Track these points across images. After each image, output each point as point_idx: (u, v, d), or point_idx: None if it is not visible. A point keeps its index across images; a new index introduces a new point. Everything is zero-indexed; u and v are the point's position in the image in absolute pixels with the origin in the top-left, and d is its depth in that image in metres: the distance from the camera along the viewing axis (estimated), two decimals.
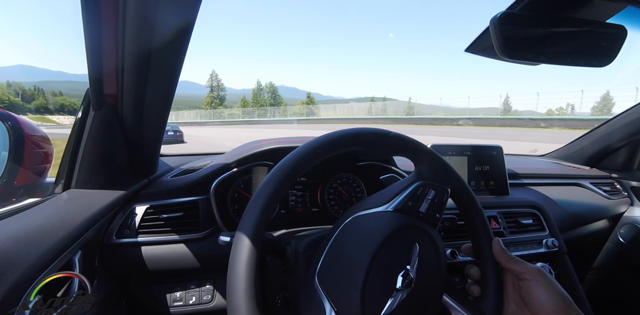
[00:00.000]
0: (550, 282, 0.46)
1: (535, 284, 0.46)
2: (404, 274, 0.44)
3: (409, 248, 0.46)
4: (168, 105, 0.73)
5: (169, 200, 0.80)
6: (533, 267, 0.48)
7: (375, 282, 0.42)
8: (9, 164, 0.68)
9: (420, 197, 0.51)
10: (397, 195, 0.51)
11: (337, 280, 0.44)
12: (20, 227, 0.52)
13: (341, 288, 0.43)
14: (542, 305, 0.44)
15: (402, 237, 0.47)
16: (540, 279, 0.46)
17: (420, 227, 0.49)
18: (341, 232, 0.49)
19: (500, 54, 0.50)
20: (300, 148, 0.45)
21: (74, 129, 0.71)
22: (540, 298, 0.45)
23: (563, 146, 1.71)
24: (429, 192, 0.51)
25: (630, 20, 0.53)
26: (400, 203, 0.50)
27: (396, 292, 0.43)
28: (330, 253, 0.47)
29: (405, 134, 0.51)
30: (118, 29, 0.53)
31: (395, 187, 0.52)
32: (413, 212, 0.50)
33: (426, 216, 0.50)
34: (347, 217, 0.51)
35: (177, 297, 0.82)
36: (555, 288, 0.46)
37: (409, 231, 0.48)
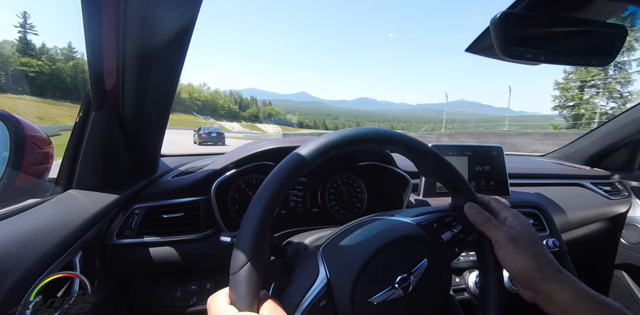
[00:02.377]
0: (519, 250, 0.45)
1: (503, 252, 0.46)
2: (404, 277, 0.44)
3: (418, 258, 0.46)
4: (168, 105, 0.73)
5: (170, 200, 0.80)
6: (503, 237, 0.46)
7: (375, 269, 0.43)
8: (10, 165, 0.68)
9: (446, 225, 0.50)
10: (426, 214, 0.51)
11: (340, 254, 0.45)
12: (21, 227, 0.52)
13: (342, 262, 0.44)
14: (511, 271, 0.45)
15: (416, 246, 0.47)
16: (509, 247, 0.45)
17: (437, 249, 0.48)
18: (360, 222, 0.50)
19: (501, 53, 0.50)
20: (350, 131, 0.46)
21: (74, 129, 0.71)
22: (508, 266, 0.46)
23: (564, 146, 1.71)
24: (457, 225, 0.50)
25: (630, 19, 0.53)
26: (426, 221, 0.50)
27: (392, 288, 0.43)
28: (344, 233, 0.49)
29: None
30: (119, 28, 0.53)
31: (426, 208, 0.53)
32: (434, 235, 0.49)
33: (446, 245, 0.49)
34: (369, 216, 0.52)
35: (178, 297, 0.82)
36: (522, 256, 0.44)
37: (424, 245, 0.48)
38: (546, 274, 0.43)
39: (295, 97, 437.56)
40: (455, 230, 0.50)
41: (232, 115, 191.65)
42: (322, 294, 0.41)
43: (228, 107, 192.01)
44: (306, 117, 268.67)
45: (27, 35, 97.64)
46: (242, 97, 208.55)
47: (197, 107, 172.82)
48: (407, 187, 0.92)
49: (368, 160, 0.98)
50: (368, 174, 1.01)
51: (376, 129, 0.48)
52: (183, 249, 0.77)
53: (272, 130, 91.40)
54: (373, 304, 0.41)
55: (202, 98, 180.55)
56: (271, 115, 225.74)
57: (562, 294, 0.42)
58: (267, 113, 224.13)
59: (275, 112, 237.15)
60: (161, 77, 0.65)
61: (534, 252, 0.45)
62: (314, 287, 0.42)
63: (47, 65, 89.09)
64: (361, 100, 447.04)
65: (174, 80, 0.67)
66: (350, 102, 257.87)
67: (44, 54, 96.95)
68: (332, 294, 0.41)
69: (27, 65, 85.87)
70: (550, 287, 0.42)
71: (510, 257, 0.45)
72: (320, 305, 0.40)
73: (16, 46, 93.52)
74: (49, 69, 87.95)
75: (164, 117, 0.75)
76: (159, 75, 0.64)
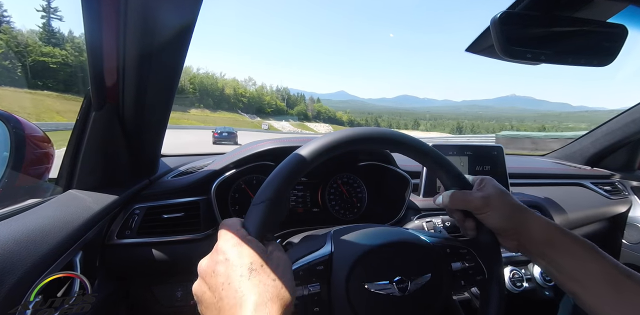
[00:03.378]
0: (492, 204, 0.48)
1: (482, 215, 0.49)
2: (403, 279, 0.44)
3: (422, 270, 0.46)
4: (169, 105, 0.73)
5: (170, 200, 0.80)
6: (478, 200, 0.48)
7: (378, 259, 0.45)
8: (10, 165, 0.68)
9: (459, 256, 0.50)
10: (441, 238, 0.52)
11: (349, 238, 0.48)
12: (21, 227, 0.52)
13: (349, 243, 0.46)
14: (493, 225, 0.49)
15: (424, 258, 0.47)
16: (484, 207, 0.48)
17: (443, 271, 0.48)
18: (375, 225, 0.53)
19: (501, 53, 0.50)
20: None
21: (75, 129, 0.71)
22: (489, 222, 0.49)
23: (564, 146, 1.71)
24: (470, 260, 0.50)
25: (631, 19, 0.53)
26: (440, 243, 0.50)
27: (388, 283, 0.43)
28: (357, 226, 0.52)
29: None
30: (119, 28, 0.53)
31: (444, 234, 0.53)
32: (444, 261, 0.49)
33: (452, 274, 0.49)
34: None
35: (178, 297, 0.82)
36: (497, 209, 0.48)
37: (432, 261, 0.47)
38: (521, 218, 0.48)
39: (334, 96, 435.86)
40: (466, 264, 0.49)
41: (279, 114, 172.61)
42: (322, 261, 0.44)
43: (275, 105, 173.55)
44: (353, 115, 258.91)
45: (51, 21, 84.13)
46: (290, 93, 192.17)
47: (243, 104, 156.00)
48: (407, 186, 0.92)
49: (368, 160, 0.98)
50: (368, 173, 1.01)
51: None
52: (183, 248, 0.77)
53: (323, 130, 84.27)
54: (367, 290, 0.42)
55: (248, 94, 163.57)
56: (320, 113, 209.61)
57: (538, 232, 0.47)
58: (316, 111, 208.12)
59: (324, 109, 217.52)
60: (161, 77, 0.65)
61: (505, 202, 0.49)
62: (317, 253, 0.45)
63: (73, 56, 74.71)
64: (402, 97, 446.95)
65: (174, 80, 0.67)
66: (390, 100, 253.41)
67: (68, 42, 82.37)
68: (331, 266, 0.44)
69: (49, 55, 73.03)
70: (528, 227, 0.47)
71: (488, 215, 0.48)
72: (318, 268, 0.43)
73: (38, 34, 79.59)
74: (75, 60, 73.50)
75: (164, 117, 0.75)
76: (159, 75, 0.64)
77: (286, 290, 0.33)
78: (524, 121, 33.01)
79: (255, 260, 0.34)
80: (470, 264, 0.49)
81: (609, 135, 1.45)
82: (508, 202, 0.49)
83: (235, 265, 0.34)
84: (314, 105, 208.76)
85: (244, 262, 0.34)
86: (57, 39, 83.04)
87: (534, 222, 0.48)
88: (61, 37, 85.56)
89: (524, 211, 0.49)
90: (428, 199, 0.98)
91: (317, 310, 0.41)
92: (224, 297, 0.32)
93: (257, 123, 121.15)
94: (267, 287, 0.32)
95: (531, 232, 0.47)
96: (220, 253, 0.36)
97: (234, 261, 0.34)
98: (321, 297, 0.42)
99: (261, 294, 0.32)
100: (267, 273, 0.34)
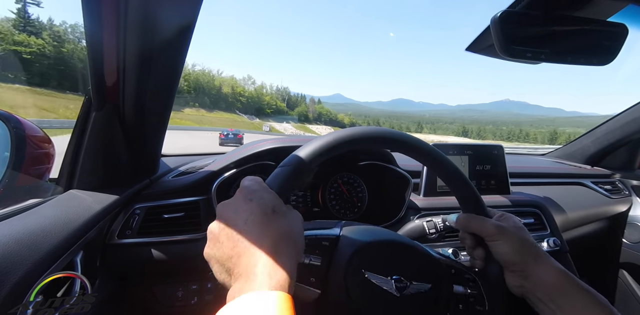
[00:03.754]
0: (506, 236, 0.47)
1: (492, 242, 0.48)
2: (402, 279, 0.44)
3: (423, 277, 0.46)
4: (169, 105, 0.73)
5: (170, 200, 0.80)
6: (492, 228, 0.48)
7: (381, 253, 0.46)
8: (11, 165, 0.68)
9: (463, 280, 0.49)
10: (450, 259, 0.52)
11: (358, 230, 0.50)
12: (22, 227, 0.52)
13: (357, 233, 0.48)
14: (501, 256, 0.48)
15: (425, 267, 0.47)
16: (497, 236, 0.48)
17: (442, 287, 0.47)
18: None
19: (501, 52, 0.50)
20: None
21: (75, 129, 0.71)
22: (498, 253, 0.48)
23: (564, 145, 1.71)
24: (473, 287, 0.49)
25: (631, 18, 0.52)
26: (447, 262, 0.50)
27: (387, 278, 0.43)
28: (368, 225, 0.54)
29: None
30: (119, 28, 0.53)
31: (454, 260, 0.54)
32: (447, 279, 0.48)
33: (453, 296, 0.47)
34: None
35: (179, 297, 0.82)
36: (509, 242, 0.47)
37: (435, 273, 0.47)
38: (534, 256, 0.46)
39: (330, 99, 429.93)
40: (469, 291, 0.49)
41: (279, 115, 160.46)
42: (328, 239, 0.46)
43: (275, 105, 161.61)
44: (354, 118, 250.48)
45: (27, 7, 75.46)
46: (290, 94, 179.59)
47: (241, 104, 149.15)
48: (407, 186, 0.92)
49: (368, 160, 0.98)
50: (368, 173, 1.01)
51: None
52: (184, 248, 0.77)
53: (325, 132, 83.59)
54: (365, 277, 0.43)
55: (247, 94, 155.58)
56: (321, 115, 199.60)
57: (549, 277, 0.44)
58: (317, 112, 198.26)
59: (325, 111, 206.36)
60: (161, 77, 0.65)
61: (521, 236, 0.47)
62: (325, 231, 0.48)
63: (51, 46, 67.18)
64: (397, 101, 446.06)
65: (174, 80, 0.67)
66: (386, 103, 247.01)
67: (46, 30, 72.47)
68: (336, 246, 0.45)
69: (22, 44, 64.27)
70: (538, 269, 0.45)
71: (498, 244, 0.47)
72: (323, 243, 0.45)
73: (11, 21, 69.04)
74: (53, 50, 65.79)
75: (165, 117, 0.75)
76: (159, 76, 0.64)
77: (300, 237, 0.38)
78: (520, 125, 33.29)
79: (277, 206, 0.37)
80: (473, 291, 0.48)
81: (609, 134, 1.45)
82: (523, 238, 0.47)
83: (260, 205, 0.36)
84: (315, 106, 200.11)
85: (267, 205, 0.37)
86: (34, 27, 72.88)
87: (547, 265, 0.45)
88: (39, 25, 75.08)
89: (537, 251, 0.47)
90: (428, 199, 0.98)
91: (312, 280, 0.42)
92: (246, 231, 0.34)
93: (257, 124, 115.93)
94: (285, 229, 0.36)
95: (541, 275, 0.45)
96: (243, 195, 0.38)
97: (258, 202, 0.37)
98: (320, 270, 0.43)
99: (280, 233, 0.35)
100: (287, 219, 0.37)
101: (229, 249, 0.34)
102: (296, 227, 0.38)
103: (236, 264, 0.33)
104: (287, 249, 0.34)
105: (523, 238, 0.47)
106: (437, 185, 1.01)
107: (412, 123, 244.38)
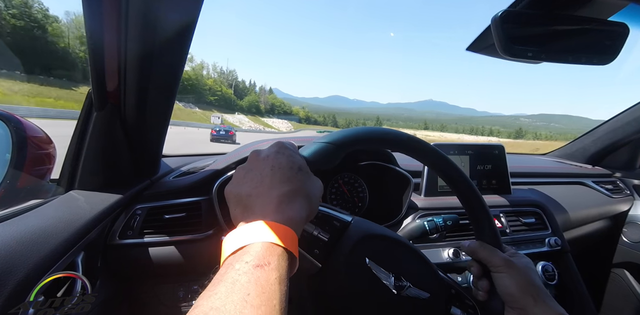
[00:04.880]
0: (512, 272, 0.47)
1: (497, 275, 0.48)
2: (403, 279, 0.44)
3: (422, 285, 0.46)
4: (170, 105, 0.73)
5: (172, 200, 0.80)
6: (500, 261, 0.48)
7: (387, 249, 0.46)
8: (12, 166, 0.68)
9: (462, 305, 0.49)
10: (453, 282, 0.52)
11: (369, 224, 0.50)
12: (23, 228, 0.52)
13: (368, 225, 0.49)
14: (503, 290, 0.47)
15: (426, 276, 0.47)
16: (503, 270, 0.48)
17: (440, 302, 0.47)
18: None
19: (502, 52, 0.50)
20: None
21: (76, 129, 0.72)
22: (501, 287, 0.48)
23: (565, 145, 1.71)
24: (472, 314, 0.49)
25: (632, 17, 0.52)
26: (450, 282, 0.50)
27: (388, 273, 0.44)
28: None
29: None
30: (120, 29, 0.53)
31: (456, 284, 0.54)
32: (446, 297, 0.48)
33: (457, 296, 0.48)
34: None
35: (180, 297, 0.82)
36: (515, 279, 0.47)
37: (435, 284, 0.47)
38: (536, 296, 0.45)
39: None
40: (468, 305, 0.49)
41: (226, 105, 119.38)
42: (340, 220, 0.47)
43: (221, 92, 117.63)
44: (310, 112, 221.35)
45: None
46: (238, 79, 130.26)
47: None
48: (408, 186, 0.92)
49: (369, 160, 0.98)
50: (369, 173, 1.01)
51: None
52: (185, 249, 0.77)
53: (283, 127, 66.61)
54: (366, 263, 0.43)
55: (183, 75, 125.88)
56: (274, 107, 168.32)
57: None
58: (270, 103, 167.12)
59: (279, 103, 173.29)
60: (162, 77, 0.65)
61: (527, 275, 0.47)
62: (338, 213, 0.49)
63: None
64: (333, 98, 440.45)
65: (175, 80, 0.67)
66: (322, 100, 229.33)
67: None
68: (346, 229, 0.46)
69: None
70: (538, 310, 0.44)
71: (502, 276, 0.47)
72: (335, 222, 0.46)
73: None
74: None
75: (166, 118, 0.75)
76: (160, 75, 0.64)
77: (317, 200, 0.39)
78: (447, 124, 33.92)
79: (304, 166, 0.40)
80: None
81: (610, 133, 1.45)
82: (529, 277, 0.47)
83: (289, 161, 0.39)
84: (267, 96, 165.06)
85: (295, 162, 0.39)
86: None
87: (547, 307, 0.45)
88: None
89: (540, 292, 0.46)
90: (429, 199, 0.98)
91: (316, 253, 0.43)
92: (270, 175, 0.37)
93: (200, 115, 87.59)
94: (306, 186, 0.38)
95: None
96: (277, 148, 0.40)
97: (288, 158, 0.39)
98: (326, 246, 0.44)
99: (301, 188, 0.37)
100: (310, 180, 0.39)
101: (250, 188, 0.36)
102: (316, 190, 0.39)
103: (253, 202, 0.35)
104: (302, 203, 0.36)
105: (529, 277, 0.47)
106: (438, 185, 1.01)
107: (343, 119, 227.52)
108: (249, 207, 0.35)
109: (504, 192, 1.08)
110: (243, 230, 0.32)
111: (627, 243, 1.37)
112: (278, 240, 0.30)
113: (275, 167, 0.37)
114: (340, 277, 0.42)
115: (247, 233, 0.31)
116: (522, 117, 38.53)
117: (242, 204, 0.36)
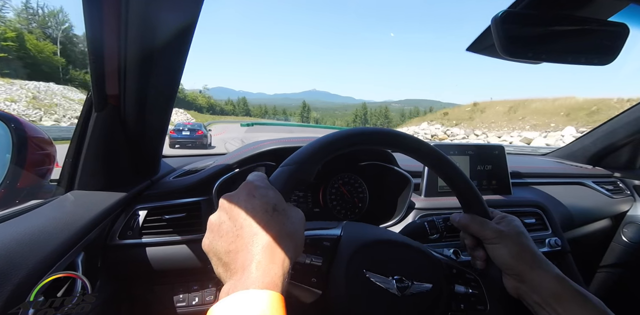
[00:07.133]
0: (505, 241, 0.48)
1: (491, 246, 0.49)
2: (403, 279, 0.44)
3: (425, 277, 0.46)
4: (170, 106, 0.73)
5: (172, 201, 0.80)
6: (490, 231, 0.49)
7: (383, 253, 0.46)
8: (12, 166, 0.68)
9: (465, 280, 0.49)
10: (452, 260, 0.52)
11: (360, 228, 0.51)
12: (23, 228, 0.52)
13: (358, 232, 0.49)
14: (499, 260, 0.48)
15: (425, 267, 0.47)
16: (495, 239, 0.48)
17: (443, 287, 0.47)
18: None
19: (502, 52, 0.50)
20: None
21: (76, 130, 0.72)
22: (496, 256, 0.48)
23: (565, 145, 1.71)
24: (475, 287, 0.49)
25: (632, 18, 0.52)
26: (448, 262, 0.51)
27: (388, 278, 0.44)
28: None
29: None
30: (120, 30, 0.53)
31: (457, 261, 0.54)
32: (448, 278, 0.48)
33: (454, 296, 0.48)
34: None
35: (180, 298, 0.82)
36: (508, 246, 0.47)
37: (435, 272, 0.47)
38: (530, 262, 0.46)
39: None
40: (470, 290, 0.49)
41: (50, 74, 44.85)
42: (329, 239, 0.46)
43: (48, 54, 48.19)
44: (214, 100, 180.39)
45: None
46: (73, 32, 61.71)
47: None
48: (408, 186, 0.92)
49: (369, 160, 0.98)
50: (369, 173, 1.01)
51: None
52: (185, 249, 0.77)
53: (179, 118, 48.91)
54: (365, 277, 0.43)
55: None
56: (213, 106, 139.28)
57: (545, 282, 0.45)
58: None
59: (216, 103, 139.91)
60: (162, 78, 0.65)
61: (519, 242, 0.48)
62: (325, 231, 0.48)
63: None
64: (218, 89, 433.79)
65: (175, 80, 0.67)
66: (209, 91, 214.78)
67: None
68: (337, 246, 0.46)
69: None
70: (534, 275, 0.46)
71: (496, 247, 0.48)
72: (324, 243, 0.46)
73: None
74: None
75: (165, 118, 0.75)
76: (160, 77, 0.64)
77: (300, 236, 0.38)
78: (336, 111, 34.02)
79: (279, 204, 0.38)
80: (474, 291, 0.48)
81: (610, 134, 1.45)
82: (521, 243, 0.48)
83: (262, 202, 0.37)
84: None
85: (269, 202, 0.37)
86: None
87: (543, 270, 0.46)
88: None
89: (534, 257, 0.47)
90: (429, 199, 0.98)
91: (314, 281, 0.42)
92: (246, 226, 0.35)
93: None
94: (285, 227, 0.36)
95: (537, 280, 0.45)
96: (247, 190, 0.38)
97: (260, 199, 0.37)
98: (321, 271, 0.43)
99: (279, 231, 0.35)
100: (287, 217, 0.37)
101: (227, 243, 0.34)
102: (297, 225, 0.38)
103: (233, 259, 0.33)
104: (284, 248, 0.34)
105: (521, 243, 0.48)
106: (438, 186, 1.01)
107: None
108: (230, 265, 0.33)
109: (504, 193, 1.08)
110: (230, 303, 0.30)
111: (627, 243, 1.37)
112: (267, 311, 0.29)
113: (250, 214, 0.35)
114: (343, 297, 0.42)
115: (234, 307, 0.29)
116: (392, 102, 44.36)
117: (222, 262, 0.34)
